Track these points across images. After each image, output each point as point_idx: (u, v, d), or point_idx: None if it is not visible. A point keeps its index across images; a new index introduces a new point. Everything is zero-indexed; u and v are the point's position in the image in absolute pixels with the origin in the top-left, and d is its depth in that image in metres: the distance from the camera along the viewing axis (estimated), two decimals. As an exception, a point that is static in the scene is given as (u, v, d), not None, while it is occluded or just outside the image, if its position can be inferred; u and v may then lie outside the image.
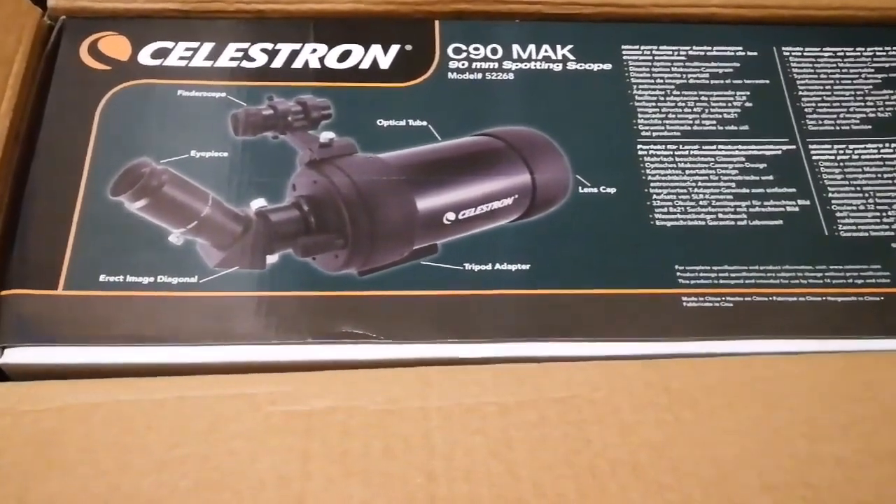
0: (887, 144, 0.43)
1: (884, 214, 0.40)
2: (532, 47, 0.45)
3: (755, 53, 0.45)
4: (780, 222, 0.40)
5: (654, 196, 0.41)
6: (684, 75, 0.44)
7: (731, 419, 0.33)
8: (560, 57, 0.45)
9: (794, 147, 0.42)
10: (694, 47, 0.45)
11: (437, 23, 0.45)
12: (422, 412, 0.33)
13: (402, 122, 0.42)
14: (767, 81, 0.45)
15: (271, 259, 0.38)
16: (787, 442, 0.32)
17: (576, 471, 0.31)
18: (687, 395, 0.33)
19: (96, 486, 0.30)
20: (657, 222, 0.40)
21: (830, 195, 0.41)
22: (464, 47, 0.45)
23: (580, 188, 0.41)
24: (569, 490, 0.30)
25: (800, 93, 0.44)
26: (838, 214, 0.40)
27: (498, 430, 0.32)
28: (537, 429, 0.32)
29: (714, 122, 0.43)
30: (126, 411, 0.32)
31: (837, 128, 0.43)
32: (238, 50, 0.44)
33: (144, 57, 0.43)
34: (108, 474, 0.30)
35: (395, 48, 0.44)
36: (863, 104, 0.44)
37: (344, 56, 0.44)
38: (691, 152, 0.42)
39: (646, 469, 0.31)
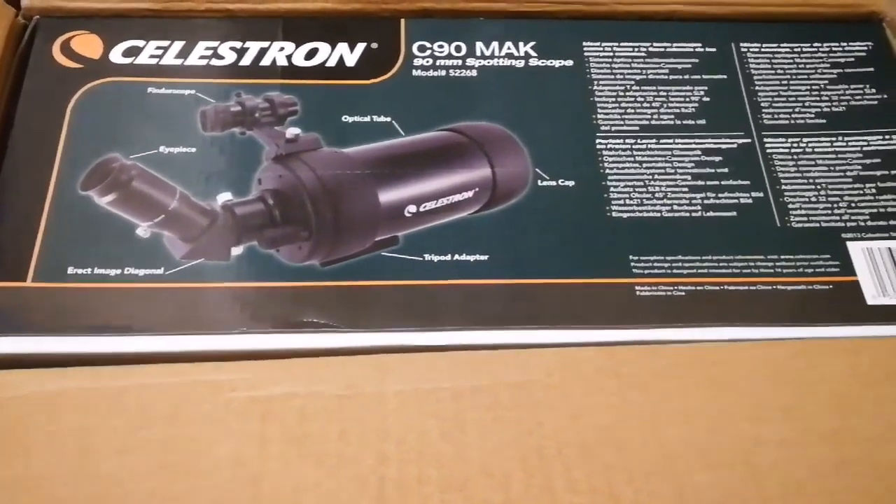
0: (840, 138, 0.44)
1: (835, 206, 0.41)
2: (495, 44, 0.46)
3: (714, 49, 0.46)
4: (734, 214, 0.41)
5: (612, 189, 0.42)
6: (644, 71, 0.46)
7: (678, 402, 0.34)
8: (522, 54, 0.46)
9: (749, 140, 0.43)
10: (654, 44, 0.46)
11: (402, 21, 0.46)
12: (379, 397, 0.34)
13: (367, 119, 0.43)
14: (725, 77, 0.46)
15: (236, 251, 0.39)
16: (731, 424, 0.33)
17: (523, 452, 0.32)
18: (636, 379, 0.34)
19: (58, 470, 0.31)
20: (614, 214, 0.41)
21: (783, 187, 0.42)
22: (428, 45, 0.46)
23: (539, 181, 0.42)
24: (515, 470, 0.31)
25: (756, 88, 0.45)
26: (791, 206, 0.41)
27: (451, 414, 0.33)
28: (490, 412, 0.33)
29: (672, 116, 0.44)
30: (89, 398, 0.33)
31: (792, 122, 0.44)
32: (207, 48, 0.45)
33: (116, 55, 0.44)
34: (70, 458, 0.31)
35: (361, 46, 0.45)
36: (818, 99, 0.45)
37: (311, 54, 0.45)
38: (649, 146, 0.43)
39: (592, 450, 0.32)
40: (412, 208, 0.40)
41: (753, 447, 0.32)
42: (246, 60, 0.44)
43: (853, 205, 0.41)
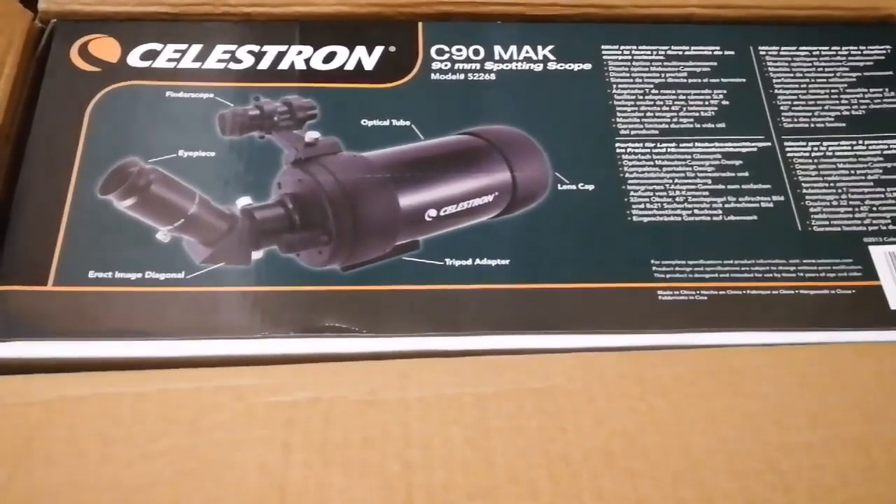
0: (860, 141, 0.43)
1: (856, 210, 0.41)
2: (514, 48, 0.46)
3: (732, 53, 0.46)
4: (755, 217, 0.41)
5: (632, 192, 0.41)
6: (662, 74, 0.45)
7: (702, 408, 0.34)
8: (541, 57, 0.46)
9: (769, 144, 0.43)
10: (672, 47, 0.46)
11: (420, 24, 0.46)
12: (402, 403, 0.34)
13: (386, 122, 0.43)
14: (744, 80, 0.45)
15: (256, 255, 0.39)
16: (757, 430, 0.33)
17: (549, 459, 0.32)
18: (659, 384, 0.34)
19: (80, 477, 0.31)
20: (634, 218, 0.41)
21: (804, 191, 0.42)
22: (447, 48, 0.46)
23: (559, 185, 0.41)
24: (542, 477, 0.31)
25: (776, 91, 0.45)
26: (812, 210, 0.41)
27: (475, 420, 0.33)
28: (514, 419, 0.33)
29: (691, 120, 0.44)
30: (111, 404, 0.33)
31: (812, 125, 0.44)
32: (225, 52, 0.45)
33: (134, 59, 0.44)
34: (92, 465, 0.31)
35: (379, 49, 0.45)
36: (837, 102, 0.45)
37: (329, 57, 0.45)
38: (668, 150, 0.43)
39: (618, 457, 0.32)
40: (432, 212, 0.40)
41: (780, 453, 0.32)
42: (264, 64, 0.44)
43: (874, 209, 0.41)
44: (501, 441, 0.32)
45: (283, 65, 0.44)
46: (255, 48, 0.45)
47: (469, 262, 0.39)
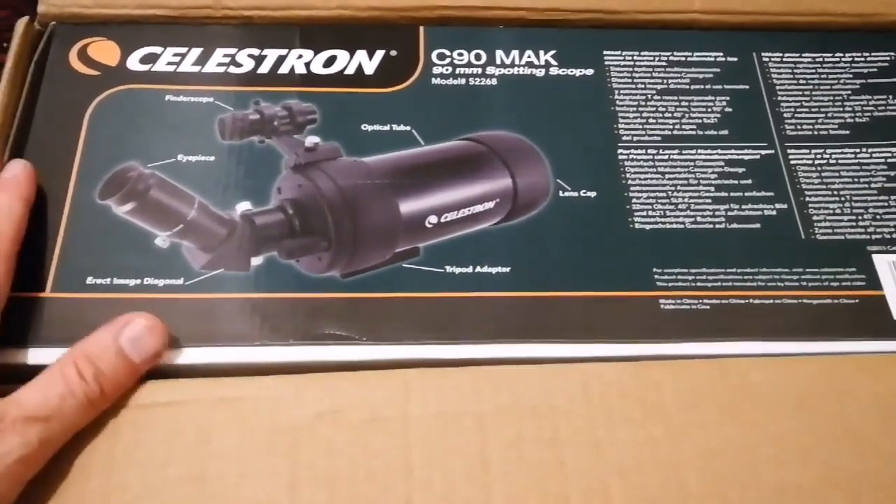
0: (864, 149, 0.43)
1: (860, 218, 0.41)
2: (515, 53, 0.46)
3: (735, 59, 0.46)
4: (758, 226, 0.41)
5: (634, 200, 0.41)
6: (665, 80, 0.45)
7: (700, 440, 0.33)
8: (543, 62, 0.45)
9: (772, 151, 0.43)
10: (675, 53, 0.46)
11: (421, 29, 0.46)
12: (402, 424, 0.33)
13: (387, 127, 0.43)
14: (747, 87, 0.45)
15: (256, 261, 0.39)
16: (752, 468, 0.33)
17: (548, 500, 0.32)
18: (660, 409, 0.34)
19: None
20: (636, 225, 0.40)
21: (808, 199, 0.42)
22: (448, 53, 0.45)
23: (561, 192, 0.41)
24: None
25: (779, 98, 0.45)
26: (815, 218, 0.41)
27: (475, 451, 0.33)
28: (513, 448, 0.33)
29: (694, 126, 0.44)
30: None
31: (815, 132, 0.44)
32: (225, 55, 0.44)
33: (133, 62, 0.44)
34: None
35: (379, 54, 0.45)
36: (841, 109, 0.45)
37: (329, 62, 0.44)
38: (671, 157, 0.43)
39: (615, 497, 0.32)
40: (433, 219, 0.40)
41: (772, 496, 0.32)
42: (264, 68, 0.44)
43: (878, 217, 0.41)
44: (501, 476, 0.32)
45: (284, 69, 0.44)
46: (256, 52, 0.44)
47: (469, 269, 0.39)
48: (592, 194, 0.41)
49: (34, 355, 0.35)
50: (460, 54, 0.45)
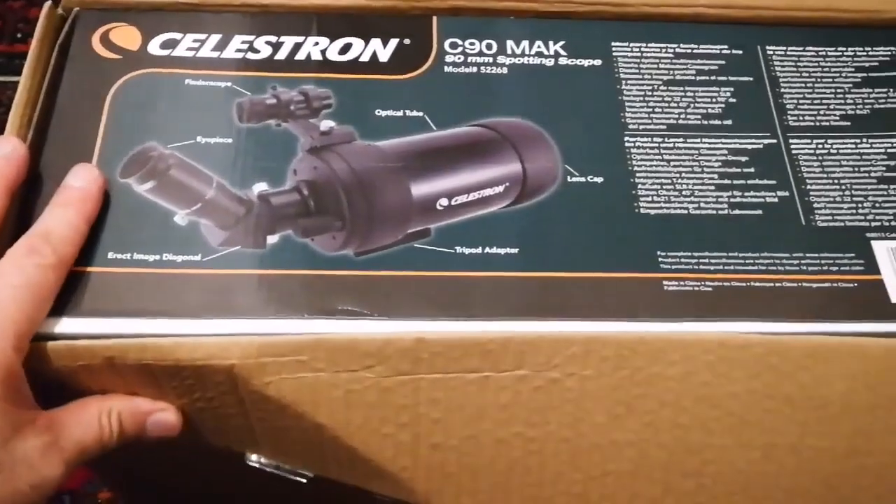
0: (865, 140, 0.44)
1: (859, 206, 0.42)
2: (525, 43, 0.47)
3: (740, 52, 0.47)
4: (760, 212, 0.42)
5: (640, 185, 0.42)
6: (671, 72, 0.46)
7: (692, 444, 0.35)
8: (552, 53, 0.47)
9: (774, 141, 0.44)
10: (681, 45, 0.47)
11: (434, 18, 0.47)
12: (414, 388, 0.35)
13: (400, 113, 0.44)
14: (751, 79, 0.46)
15: (272, 239, 0.40)
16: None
17: None
18: (649, 410, 0.36)
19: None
20: (642, 210, 0.42)
21: (809, 187, 0.43)
22: (460, 42, 0.46)
23: (569, 177, 0.42)
24: None
25: (782, 90, 0.46)
26: (816, 205, 0.42)
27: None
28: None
29: (699, 116, 0.45)
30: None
31: (817, 123, 0.45)
32: (244, 42, 0.45)
33: (154, 47, 0.45)
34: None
35: (394, 42, 0.46)
36: (843, 101, 0.46)
37: (345, 49, 0.46)
38: (676, 145, 0.44)
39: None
40: (444, 201, 0.41)
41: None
42: (281, 54, 0.45)
43: (877, 205, 0.42)
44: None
45: (300, 55, 0.45)
46: (273, 39, 0.46)
47: (479, 250, 0.40)
48: (599, 180, 0.42)
49: (60, 325, 0.36)
50: (472, 44, 0.46)
